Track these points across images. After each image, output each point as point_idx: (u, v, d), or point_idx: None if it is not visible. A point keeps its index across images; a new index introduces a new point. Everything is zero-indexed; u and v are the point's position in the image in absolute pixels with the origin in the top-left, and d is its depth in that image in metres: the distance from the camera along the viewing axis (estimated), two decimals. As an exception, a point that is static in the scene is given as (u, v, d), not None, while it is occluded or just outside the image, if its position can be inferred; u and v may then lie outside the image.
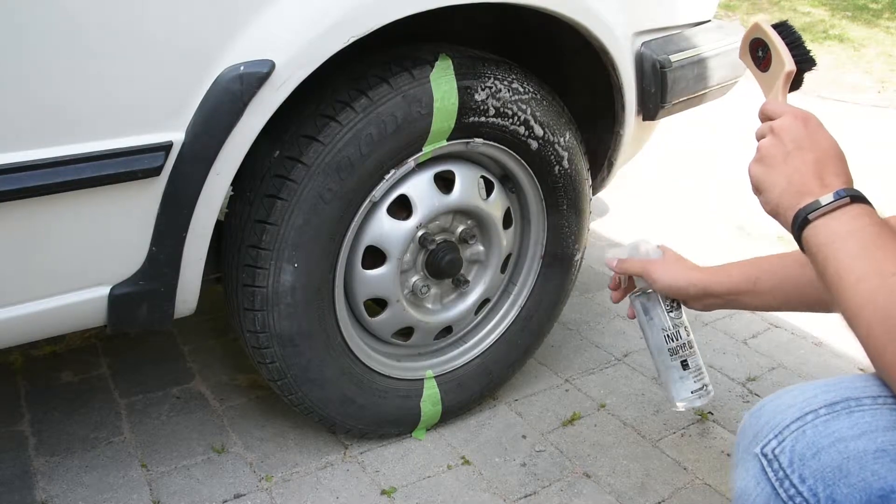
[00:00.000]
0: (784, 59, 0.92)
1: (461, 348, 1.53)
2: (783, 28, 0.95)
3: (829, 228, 0.74)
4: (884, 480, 0.61)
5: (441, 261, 1.36)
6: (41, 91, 0.87)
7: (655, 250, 1.19)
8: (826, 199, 0.75)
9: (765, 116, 0.90)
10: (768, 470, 0.68)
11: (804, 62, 0.93)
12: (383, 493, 1.35)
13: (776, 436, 0.68)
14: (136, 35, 0.91)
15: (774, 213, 0.83)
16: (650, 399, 1.65)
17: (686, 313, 1.20)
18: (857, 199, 0.75)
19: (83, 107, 0.91)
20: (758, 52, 0.96)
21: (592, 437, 1.52)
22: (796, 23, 6.37)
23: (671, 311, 1.18)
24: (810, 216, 0.76)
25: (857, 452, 0.63)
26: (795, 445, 0.67)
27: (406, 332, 1.43)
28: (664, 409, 1.62)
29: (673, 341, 1.19)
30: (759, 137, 0.89)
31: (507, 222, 1.45)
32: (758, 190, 0.85)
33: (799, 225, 0.77)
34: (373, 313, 1.36)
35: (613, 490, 1.37)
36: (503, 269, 1.50)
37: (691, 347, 1.21)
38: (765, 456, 0.68)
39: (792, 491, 0.66)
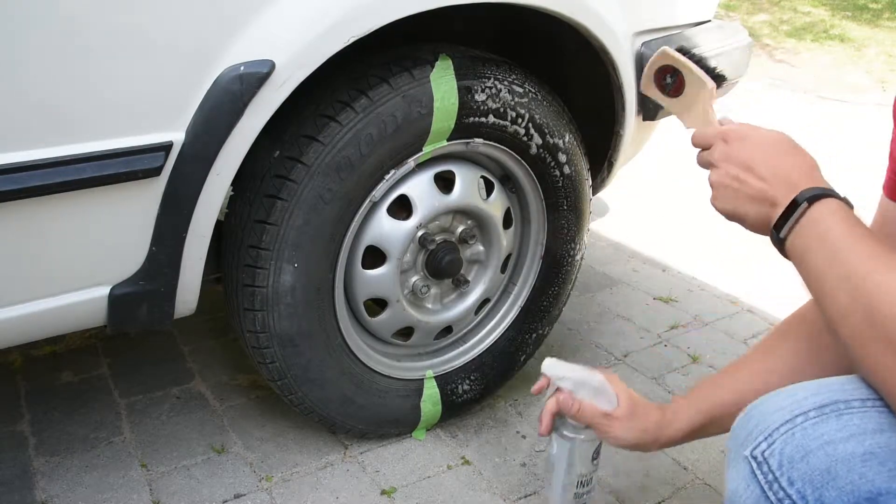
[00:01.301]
0: (703, 79, 0.95)
1: (461, 348, 1.53)
2: (683, 52, 0.99)
3: (801, 241, 0.75)
4: (871, 483, 0.61)
5: (441, 261, 1.36)
6: (41, 91, 0.87)
7: (609, 394, 1.08)
8: (786, 216, 0.76)
9: (698, 144, 0.91)
10: (758, 472, 0.68)
11: (715, 79, 0.97)
12: (383, 493, 1.35)
13: (766, 438, 0.68)
14: (136, 35, 0.91)
15: (756, 232, 0.85)
16: (651, 399, 1.65)
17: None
18: (814, 198, 0.75)
19: (83, 107, 0.91)
20: (665, 80, 1.00)
21: (592, 437, 1.52)
22: (797, 22, 6.37)
23: (595, 459, 1.14)
24: (782, 235, 0.77)
25: (846, 455, 0.63)
26: (784, 448, 0.67)
27: (406, 332, 1.43)
28: (664, 409, 1.62)
29: (582, 487, 1.15)
30: (702, 165, 0.91)
31: (507, 222, 1.45)
32: (733, 220, 0.87)
33: (778, 246, 0.79)
34: (373, 313, 1.37)
35: (613, 490, 1.37)
36: (503, 269, 1.50)
37: (592, 490, 1.17)
38: (754, 458, 0.68)
39: (781, 494, 0.66)
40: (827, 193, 0.76)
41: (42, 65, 0.86)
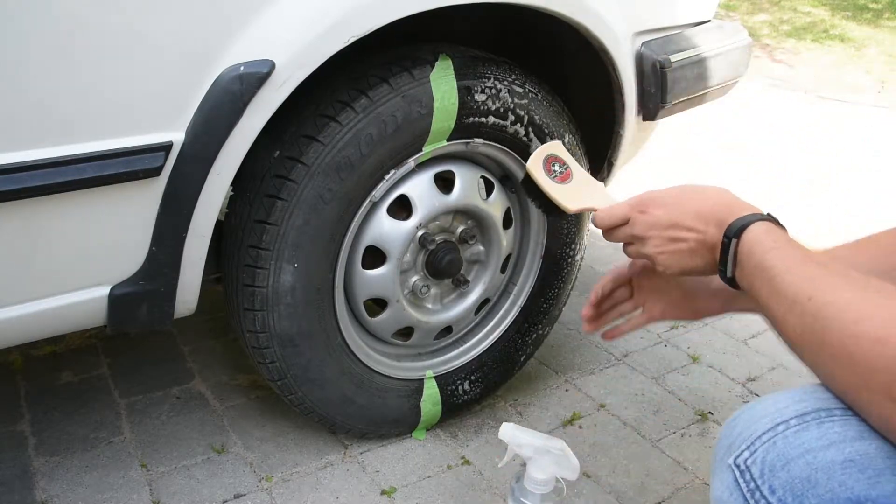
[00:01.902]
0: (594, 180, 1.07)
1: (461, 348, 1.53)
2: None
3: (745, 276, 0.77)
4: (851, 490, 0.61)
5: (441, 261, 1.36)
6: (42, 91, 0.87)
7: (571, 461, 1.05)
8: (723, 257, 0.79)
9: (609, 224, 0.95)
10: (740, 481, 0.68)
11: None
12: (383, 493, 1.35)
13: (748, 447, 0.69)
14: (136, 35, 0.91)
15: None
16: (650, 399, 1.65)
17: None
18: (740, 230, 0.77)
19: (84, 107, 0.91)
20: (554, 166, 1.07)
21: (592, 437, 1.52)
22: (797, 22, 6.38)
23: None
24: (728, 275, 0.79)
25: (826, 463, 0.63)
26: (766, 456, 0.67)
27: (406, 332, 1.43)
28: (664, 408, 1.62)
29: None
30: (623, 240, 0.94)
31: (507, 222, 1.45)
32: (689, 275, 0.90)
33: (732, 286, 0.80)
34: (373, 313, 1.37)
35: (613, 490, 1.37)
36: (503, 269, 1.50)
37: None
38: (737, 467, 0.69)
39: (763, 502, 0.66)
40: (749, 220, 0.78)
41: (42, 65, 0.86)
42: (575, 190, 1.05)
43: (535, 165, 1.06)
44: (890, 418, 0.61)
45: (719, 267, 0.80)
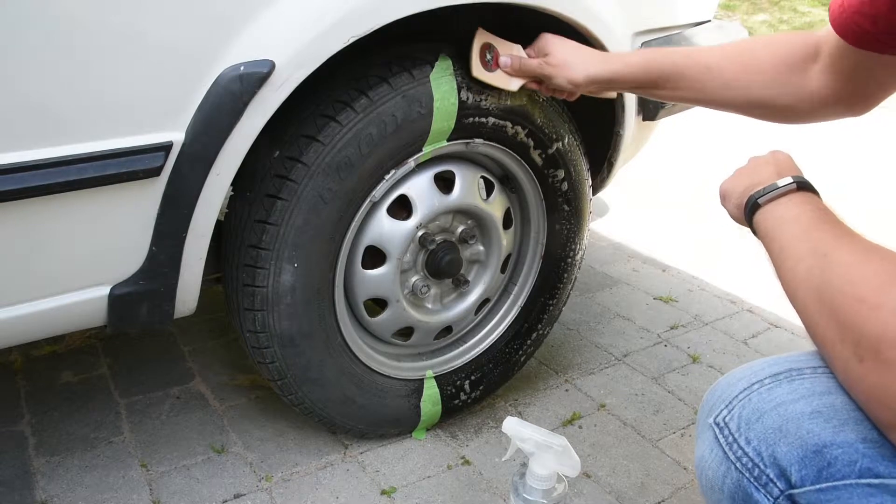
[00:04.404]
0: (512, 44, 1.22)
1: (461, 348, 1.53)
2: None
3: (776, 213, 0.80)
4: (818, 437, 0.66)
5: (441, 261, 1.36)
6: (41, 91, 0.87)
7: (572, 457, 1.05)
8: (773, 185, 0.81)
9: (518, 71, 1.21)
10: (720, 436, 0.74)
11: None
12: (383, 493, 1.35)
13: (726, 406, 0.74)
14: (136, 35, 0.91)
15: (737, 210, 0.87)
16: (650, 399, 1.65)
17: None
18: (804, 187, 0.80)
19: (83, 107, 0.90)
20: (486, 58, 1.20)
21: (592, 437, 1.52)
22: (796, 22, 6.38)
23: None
24: (760, 200, 0.82)
25: (795, 414, 0.68)
26: (742, 412, 0.73)
27: (406, 332, 1.43)
28: (664, 408, 1.62)
29: None
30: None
31: (507, 222, 1.45)
32: (724, 198, 0.92)
33: (750, 209, 0.83)
34: (373, 313, 1.37)
35: (613, 490, 1.37)
36: (503, 269, 1.50)
37: None
38: (717, 425, 0.74)
39: (739, 452, 0.71)
40: (814, 189, 0.81)
41: (42, 65, 0.86)
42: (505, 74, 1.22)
43: (479, 71, 1.20)
44: (852, 374, 0.64)
45: (757, 190, 0.83)
